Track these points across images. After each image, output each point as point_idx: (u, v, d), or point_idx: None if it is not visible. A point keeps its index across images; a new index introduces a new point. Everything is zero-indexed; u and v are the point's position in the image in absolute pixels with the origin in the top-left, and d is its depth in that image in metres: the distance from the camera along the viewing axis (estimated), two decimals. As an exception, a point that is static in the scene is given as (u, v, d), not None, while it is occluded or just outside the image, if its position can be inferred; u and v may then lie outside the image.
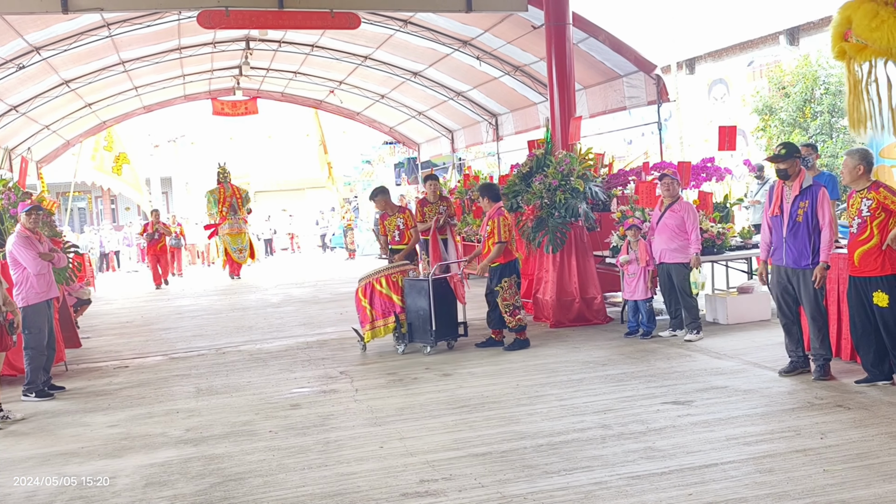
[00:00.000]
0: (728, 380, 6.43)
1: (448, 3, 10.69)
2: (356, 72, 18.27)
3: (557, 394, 6.33)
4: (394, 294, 8.36)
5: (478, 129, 19.36)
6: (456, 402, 6.29)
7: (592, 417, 5.58)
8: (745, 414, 5.45)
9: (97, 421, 6.41)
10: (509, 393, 6.47)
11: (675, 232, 8.19)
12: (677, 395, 6.03)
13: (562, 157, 9.84)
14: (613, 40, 12.14)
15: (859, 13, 2.41)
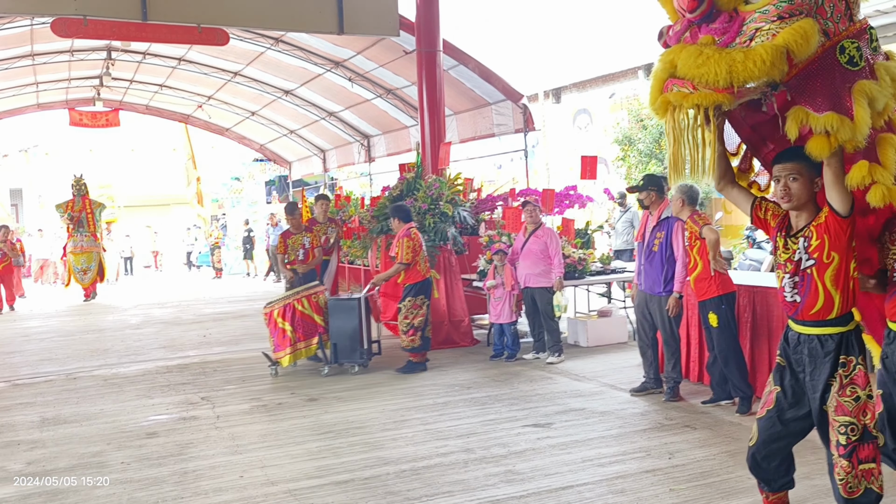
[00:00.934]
0: (586, 402, 6.66)
1: (320, 24, 10.64)
2: (226, 87, 17.88)
3: (422, 418, 6.37)
4: (316, 315, 8.23)
5: (350, 149, 19.34)
6: (320, 427, 6.21)
7: (456, 441, 5.64)
8: (601, 435, 5.67)
9: (-73, 455, 5.91)
10: (375, 418, 6.45)
11: (539, 257, 8.43)
12: (538, 418, 6.20)
13: (432, 182, 9.98)
14: (483, 69, 12.45)
15: (683, 55, 2.53)
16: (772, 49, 2.42)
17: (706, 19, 2.55)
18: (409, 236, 8.19)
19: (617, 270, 9.64)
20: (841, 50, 2.55)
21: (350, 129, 18.57)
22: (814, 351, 2.98)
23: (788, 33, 2.43)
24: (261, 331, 11.65)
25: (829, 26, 2.52)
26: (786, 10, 2.45)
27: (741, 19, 2.54)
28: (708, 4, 2.55)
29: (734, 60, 2.45)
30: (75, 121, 20.26)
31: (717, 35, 2.55)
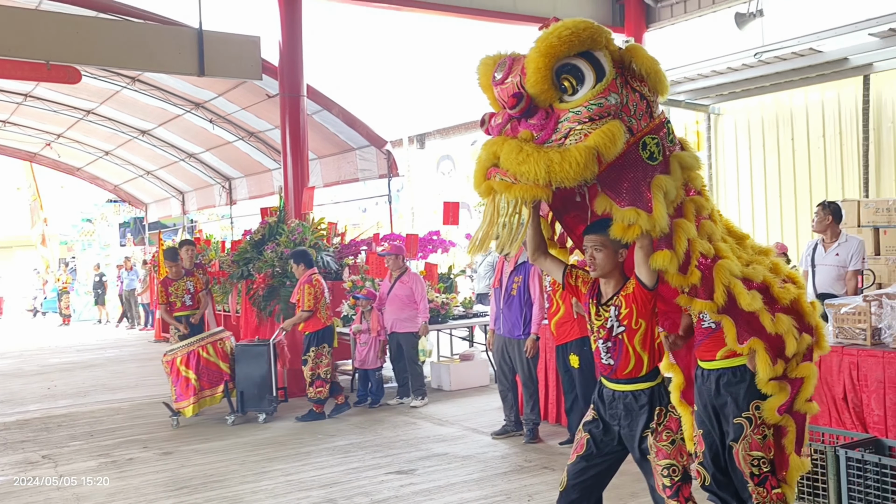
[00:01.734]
0: (449, 446, 6.73)
1: (180, 65, 10.40)
2: (78, 125, 17.09)
3: (284, 468, 6.23)
4: (221, 362, 7.94)
5: (210, 191, 18.88)
6: (176, 483, 5.96)
7: (319, 492, 5.56)
8: (463, 480, 5.73)
9: None
10: (235, 470, 6.25)
11: (405, 302, 8.51)
12: (401, 465, 6.20)
13: (294, 226, 9.90)
14: (346, 115, 12.55)
15: (505, 149, 2.72)
16: (585, 151, 2.65)
17: (525, 115, 2.74)
18: (311, 283, 7.96)
19: (479, 314, 9.84)
20: (643, 146, 2.83)
21: (211, 171, 18.15)
22: (629, 405, 3.24)
23: (598, 135, 2.66)
24: (113, 382, 11.13)
25: (632, 123, 2.79)
26: (596, 112, 2.70)
27: (556, 116, 2.75)
28: (527, 102, 2.75)
29: (552, 161, 2.65)
30: None
31: (535, 131, 2.75)
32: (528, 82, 2.73)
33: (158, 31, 10.43)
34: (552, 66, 2.70)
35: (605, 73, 2.74)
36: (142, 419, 8.42)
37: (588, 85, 2.72)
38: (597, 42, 2.73)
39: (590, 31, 2.72)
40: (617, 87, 2.74)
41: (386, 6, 11.87)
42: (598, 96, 2.71)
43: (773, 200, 12.67)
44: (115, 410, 8.98)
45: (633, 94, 2.79)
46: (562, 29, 2.70)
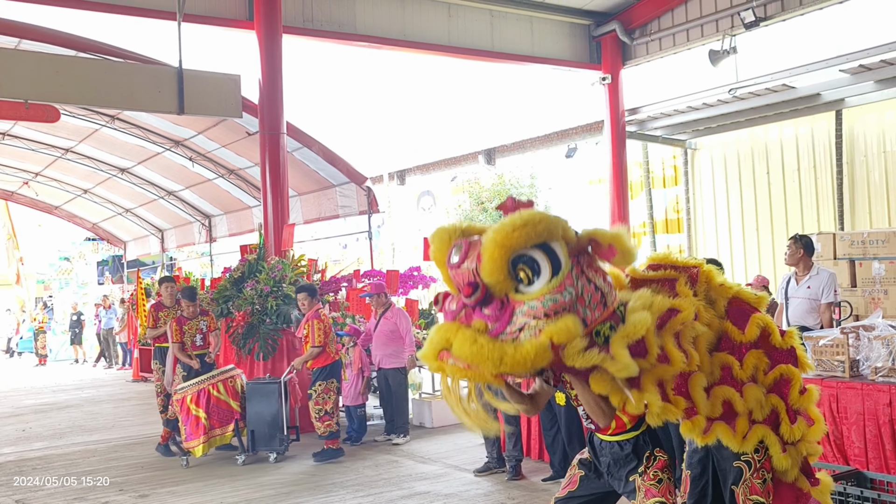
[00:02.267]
0: (431, 485, 6.66)
1: (159, 103, 10.39)
2: (56, 164, 17.03)
3: (263, 509, 6.14)
4: (232, 400, 7.82)
5: (190, 229, 18.82)
6: (152, 526, 5.85)
7: (298, 533, 5.47)
8: (445, 518, 5.67)
9: None
10: (212, 512, 6.15)
11: (390, 337, 8.47)
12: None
13: (274, 263, 9.86)
14: (327, 152, 12.59)
15: (459, 337, 2.75)
16: (538, 346, 2.67)
17: (480, 304, 2.78)
18: (319, 318, 7.83)
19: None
20: (596, 334, 2.81)
21: (190, 209, 18.11)
22: (616, 454, 3.28)
23: (553, 329, 2.68)
24: (89, 423, 10.94)
25: (587, 314, 2.79)
26: (551, 308, 2.71)
27: (512, 308, 2.75)
28: (482, 292, 2.75)
29: (505, 353, 2.66)
30: None
31: (489, 322, 2.75)
32: (484, 271, 2.72)
33: (138, 69, 10.44)
34: (508, 256, 2.70)
35: (560, 266, 2.75)
36: (117, 461, 8.28)
37: (544, 278, 2.73)
38: (552, 233, 2.75)
39: (545, 224, 2.73)
40: (573, 280, 2.76)
41: (365, 45, 11.99)
42: (554, 291, 2.72)
43: (751, 233, 12.81)
44: (91, 452, 8.82)
45: (588, 284, 2.81)
46: (517, 220, 2.71)
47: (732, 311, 3.26)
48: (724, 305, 3.26)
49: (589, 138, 13.96)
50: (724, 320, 3.25)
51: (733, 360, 3.20)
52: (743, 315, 3.24)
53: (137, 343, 16.47)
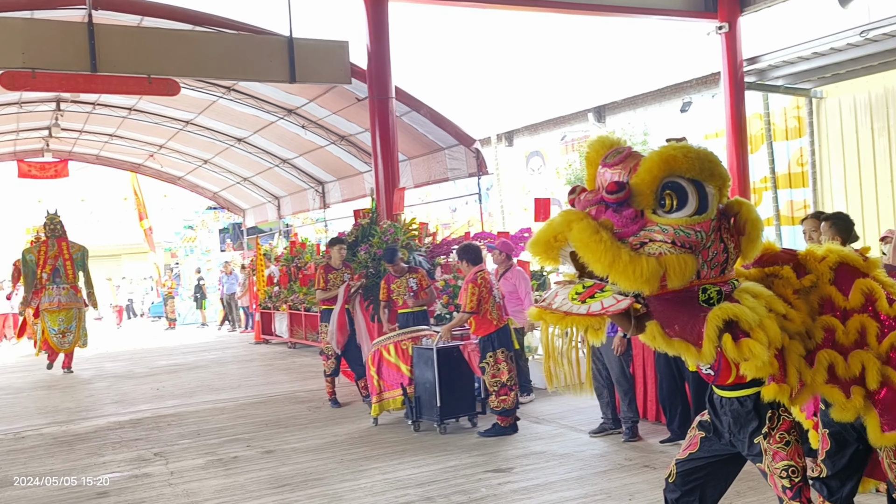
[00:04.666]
0: (546, 444, 6.66)
1: (272, 73, 10.69)
2: (177, 136, 17.78)
3: (381, 467, 6.29)
4: (402, 363, 7.65)
5: (304, 195, 19.31)
6: (278, 480, 6.10)
7: (416, 490, 5.58)
8: (562, 479, 5.66)
9: None
10: (333, 468, 6.35)
11: (508, 298, 8.44)
12: (498, 463, 6.17)
13: (386, 227, 10.00)
14: (435, 115, 12.60)
15: (582, 224, 2.68)
16: (653, 266, 2.64)
17: (617, 206, 2.72)
18: (475, 282, 7.16)
19: (573, 311, 9.68)
20: (703, 290, 2.79)
21: (304, 176, 18.57)
22: (736, 412, 3.12)
23: (674, 260, 2.66)
24: (217, 382, 11.50)
25: (704, 269, 2.77)
26: (681, 238, 2.69)
27: (643, 223, 2.74)
28: (626, 194, 2.73)
29: (619, 257, 2.63)
30: (24, 172, 19.89)
31: (617, 224, 2.72)
32: (636, 178, 2.75)
33: (251, 40, 10.74)
34: (664, 175, 2.72)
35: (706, 209, 2.76)
36: (244, 418, 8.66)
37: (687, 211, 2.73)
38: (713, 178, 2.77)
39: (712, 167, 2.77)
40: (709, 228, 2.76)
41: (471, 4, 11.86)
42: (690, 226, 2.72)
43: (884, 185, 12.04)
44: (220, 410, 9.26)
45: (718, 243, 2.80)
46: (689, 149, 2.75)
47: (839, 276, 3.09)
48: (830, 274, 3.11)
49: (704, 91, 13.40)
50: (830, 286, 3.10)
51: (837, 322, 3.04)
52: (848, 280, 3.08)
53: (259, 307, 17.15)
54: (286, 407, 9.18)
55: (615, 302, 2.77)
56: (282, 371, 12.37)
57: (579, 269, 2.91)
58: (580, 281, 2.88)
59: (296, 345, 15.31)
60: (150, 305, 29.23)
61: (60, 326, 13.26)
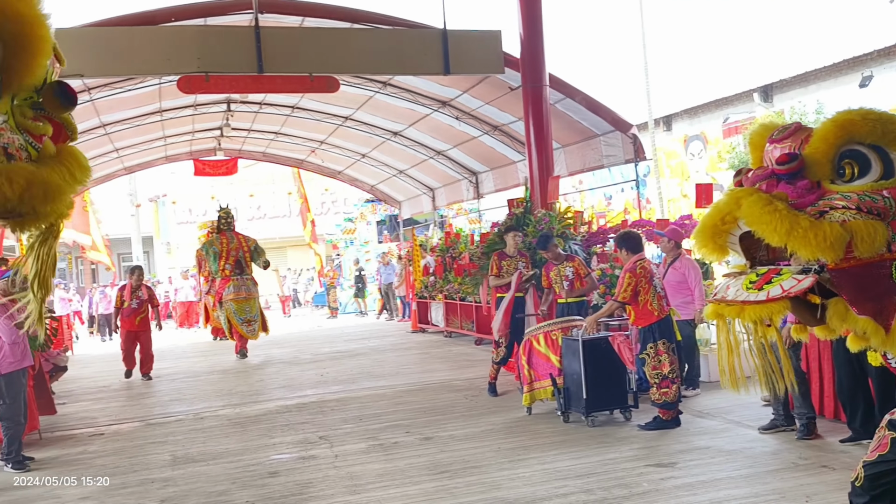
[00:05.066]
0: (711, 440, 6.37)
1: (426, 66, 10.86)
2: (337, 132, 18.43)
3: (539, 457, 6.24)
4: (552, 353, 7.53)
5: (458, 186, 19.51)
6: (437, 466, 6.18)
7: (575, 482, 5.49)
8: (729, 476, 5.39)
9: (69, 493, 6.24)
10: (491, 457, 6.37)
11: (677, 288, 8.16)
12: (661, 457, 5.97)
13: (541, 216, 9.92)
14: (590, 101, 12.36)
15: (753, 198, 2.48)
16: (838, 231, 2.42)
17: (789, 177, 2.52)
18: (633, 271, 6.94)
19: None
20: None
21: (458, 167, 18.76)
22: None
23: (861, 225, 2.43)
24: (376, 369, 11.84)
25: (895, 241, 2.51)
26: (867, 204, 2.47)
27: (821, 192, 2.53)
28: (798, 164, 2.53)
29: (798, 224, 2.43)
30: (199, 170, 21.35)
31: (792, 196, 2.53)
32: (810, 147, 2.55)
33: (406, 35, 10.95)
34: (842, 143, 2.52)
35: (893, 175, 2.52)
36: (403, 405, 8.85)
37: (871, 177, 2.51)
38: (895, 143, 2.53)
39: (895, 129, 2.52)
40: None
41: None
42: (877, 191, 2.49)
43: None
44: (380, 396, 9.52)
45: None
46: (868, 112, 2.54)
47: None
48: None
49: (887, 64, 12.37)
50: None
51: None
52: None
53: (415, 296, 17.53)
54: (443, 395, 9.32)
55: (796, 283, 2.57)
56: (438, 360, 12.58)
57: (750, 257, 2.73)
58: (752, 270, 2.70)
59: (451, 334, 15.52)
60: (312, 295, 30.56)
61: (246, 315, 13.76)
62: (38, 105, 2.09)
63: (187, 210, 34.50)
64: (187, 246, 32.35)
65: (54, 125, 2.13)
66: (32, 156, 2.03)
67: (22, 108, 2.06)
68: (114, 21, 10.63)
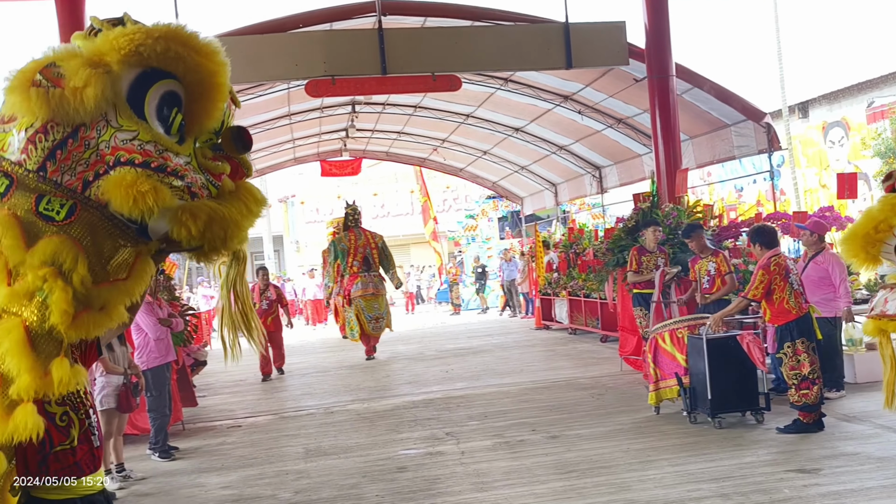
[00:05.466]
0: (859, 445, 6.00)
1: (548, 60, 10.74)
2: (458, 130, 18.55)
3: (670, 458, 6.05)
4: (677, 352, 7.35)
5: (581, 181, 19.24)
6: (564, 466, 6.10)
7: (709, 485, 5.29)
8: (881, 485, 5.05)
9: (211, 482, 6.55)
10: (619, 457, 6.23)
11: (818, 284, 7.74)
12: (802, 462, 5.66)
13: (669, 210, 9.63)
14: (719, 90, 11.89)
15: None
16: None
17: None
18: (767, 268, 6.62)
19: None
20: None
21: (581, 162, 18.49)
22: None
23: None
24: (500, 366, 11.83)
25: None
26: None
27: None
28: None
29: None
30: (326, 171, 22.00)
31: None
32: None
33: (528, 30, 10.87)
34: None
35: None
36: (528, 403, 8.80)
37: None
38: None
39: None
40: None
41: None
42: None
43: None
44: (505, 394, 9.50)
45: None
46: None
47: None
48: None
49: None
50: None
51: None
52: None
53: (538, 293, 17.41)
54: (569, 393, 9.20)
55: None
56: (563, 357, 12.44)
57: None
58: None
59: (576, 331, 15.33)
60: (435, 291, 30.92)
61: (375, 313, 13.64)
62: (217, 146, 2.27)
63: (314, 209, 35.68)
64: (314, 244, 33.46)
65: (232, 163, 2.30)
66: (213, 193, 2.21)
67: (203, 150, 2.25)
68: (245, 30, 11.07)
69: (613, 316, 12.19)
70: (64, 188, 2.07)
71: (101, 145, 2.08)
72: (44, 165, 2.06)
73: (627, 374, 9.89)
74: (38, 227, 2.07)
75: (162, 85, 2.12)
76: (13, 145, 2.10)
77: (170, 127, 2.14)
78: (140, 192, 2.02)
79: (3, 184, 2.10)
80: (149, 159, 2.08)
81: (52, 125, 2.06)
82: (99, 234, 2.10)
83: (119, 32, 2.08)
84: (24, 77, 2.06)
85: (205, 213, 2.11)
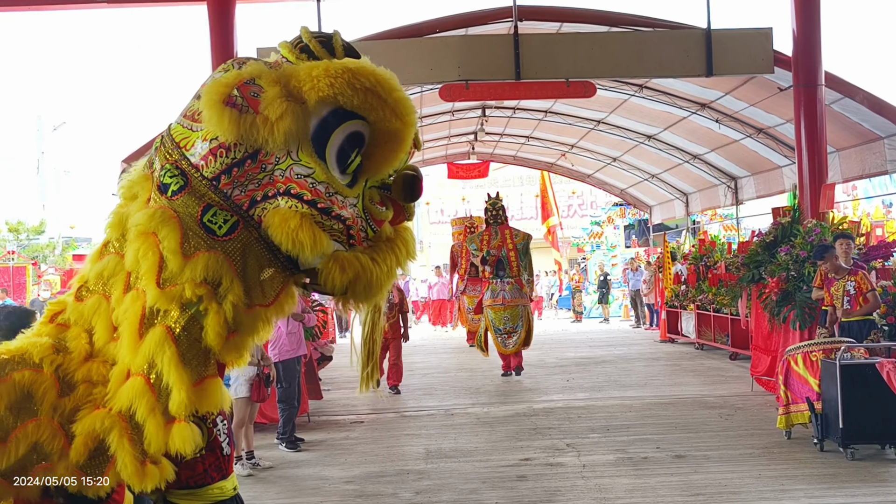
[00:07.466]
0: None
1: (688, 68, 10.43)
2: (588, 135, 18.30)
3: (807, 489, 5.76)
4: (810, 376, 7.03)
5: (715, 192, 18.57)
6: (690, 488, 5.91)
7: (850, 523, 5.00)
8: None
9: (335, 476, 6.73)
10: (750, 483, 5.98)
11: None
12: (956, 506, 5.26)
13: (811, 227, 9.16)
14: (873, 100, 11.17)
15: None
16: None
17: None
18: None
19: None
20: None
21: (715, 171, 17.85)
22: None
23: None
24: (623, 378, 11.57)
25: None
26: None
27: None
28: None
29: None
30: (452, 173, 22.23)
31: None
32: None
33: (666, 37, 10.60)
34: None
35: None
36: (652, 419, 8.57)
37: None
38: None
39: None
40: None
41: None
42: None
43: None
44: (627, 407, 9.30)
45: None
46: None
47: None
48: None
49: None
50: None
51: None
52: None
53: (665, 305, 16.95)
54: (695, 411, 8.91)
55: None
56: (689, 373, 12.04)
57: None
58: None
59: (703, 346, 14.82)
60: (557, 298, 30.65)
61: (506, 325, 11.94)
62: (386, 185, 2.27)
63: (439, 211, 36.10)
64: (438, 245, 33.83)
65: (396, 208, 2.30)
66: (369, 236, 2.23)
67: (371, 192, 2.24)
68: (382, 35, 11.31)
69: (745, 333, 11.70)
70: (232, 202, 2.11)
71: (277, 172, 2.11)
72: (218, 177, 2.11)
73: (759, 395, 9.48)
74: (196, 235, 2.11)
75: (349, 125, 2.12)
76: (196, 148, 2.14)
77: (347, 166, 2.14)
78: (301, 236, 2.06)
79: (178, 183, 2.13)
80: (317, 199, 2.10)
81: (236, 144, 2.10)
82: (251, 255, 2.14)
83: (322, 72, 2.08)
84: (221, 90, 2.08)
85: (353, 269, 2.14)
